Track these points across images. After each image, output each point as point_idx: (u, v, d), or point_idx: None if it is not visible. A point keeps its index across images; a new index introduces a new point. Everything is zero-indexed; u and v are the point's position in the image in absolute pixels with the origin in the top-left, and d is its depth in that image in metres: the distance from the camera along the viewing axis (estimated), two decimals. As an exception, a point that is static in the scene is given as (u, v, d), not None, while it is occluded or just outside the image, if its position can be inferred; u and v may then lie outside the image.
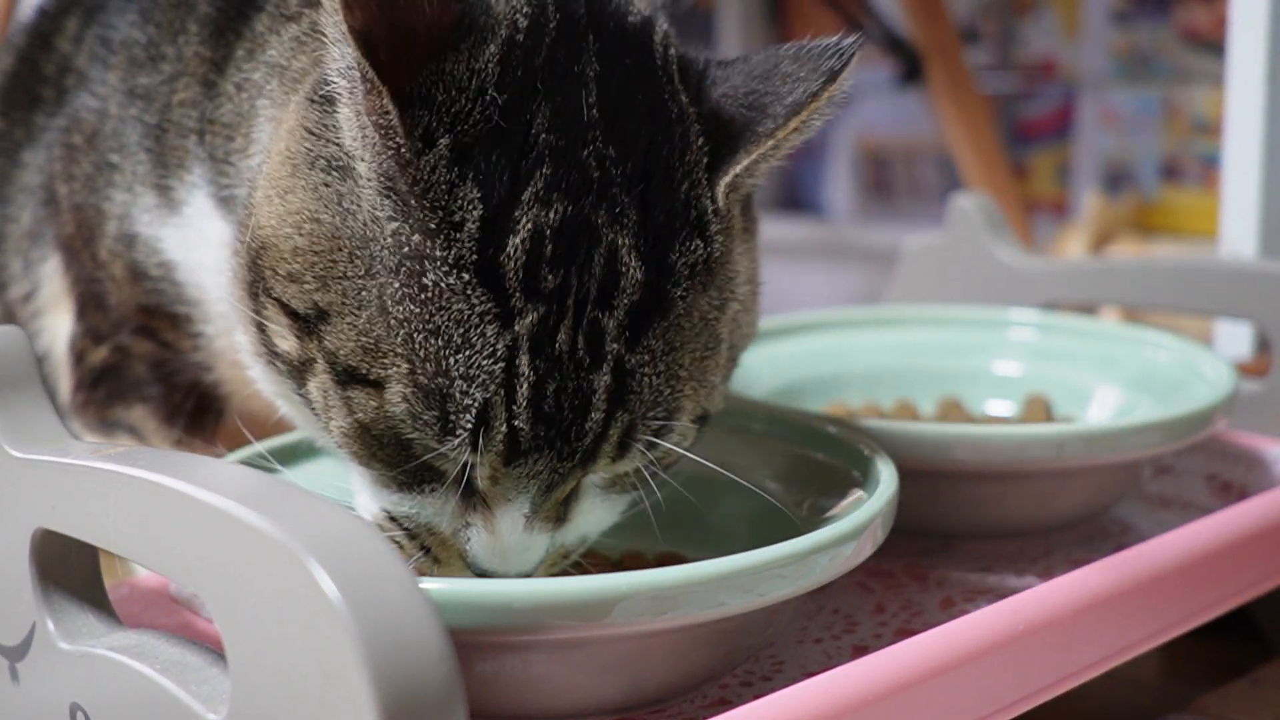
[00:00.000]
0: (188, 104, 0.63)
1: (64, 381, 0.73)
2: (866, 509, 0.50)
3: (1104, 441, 0.62)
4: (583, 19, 0.51)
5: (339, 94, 0.49)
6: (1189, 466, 0.76)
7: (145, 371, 0.69)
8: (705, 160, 0.50)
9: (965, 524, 0.66)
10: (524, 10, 0.50)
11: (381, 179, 0.47)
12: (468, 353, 0.46)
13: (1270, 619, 0.78)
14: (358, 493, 0.52)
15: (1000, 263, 0.88)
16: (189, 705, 0.42)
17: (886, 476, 0.54)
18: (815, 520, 0.54)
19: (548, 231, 0.47)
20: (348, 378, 0.48)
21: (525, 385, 0.46)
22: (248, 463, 0.59)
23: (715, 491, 0.60)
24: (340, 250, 0.48)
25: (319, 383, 0.49)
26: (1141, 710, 0.69)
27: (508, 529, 0.49)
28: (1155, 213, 1.54)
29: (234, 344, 0.62)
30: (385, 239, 0.47)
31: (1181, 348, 0.75)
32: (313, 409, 0.50)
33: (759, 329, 0.66)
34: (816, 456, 0.60)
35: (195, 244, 0.63)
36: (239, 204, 0.58)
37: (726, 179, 0.50)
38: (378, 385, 0.47)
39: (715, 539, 0.58)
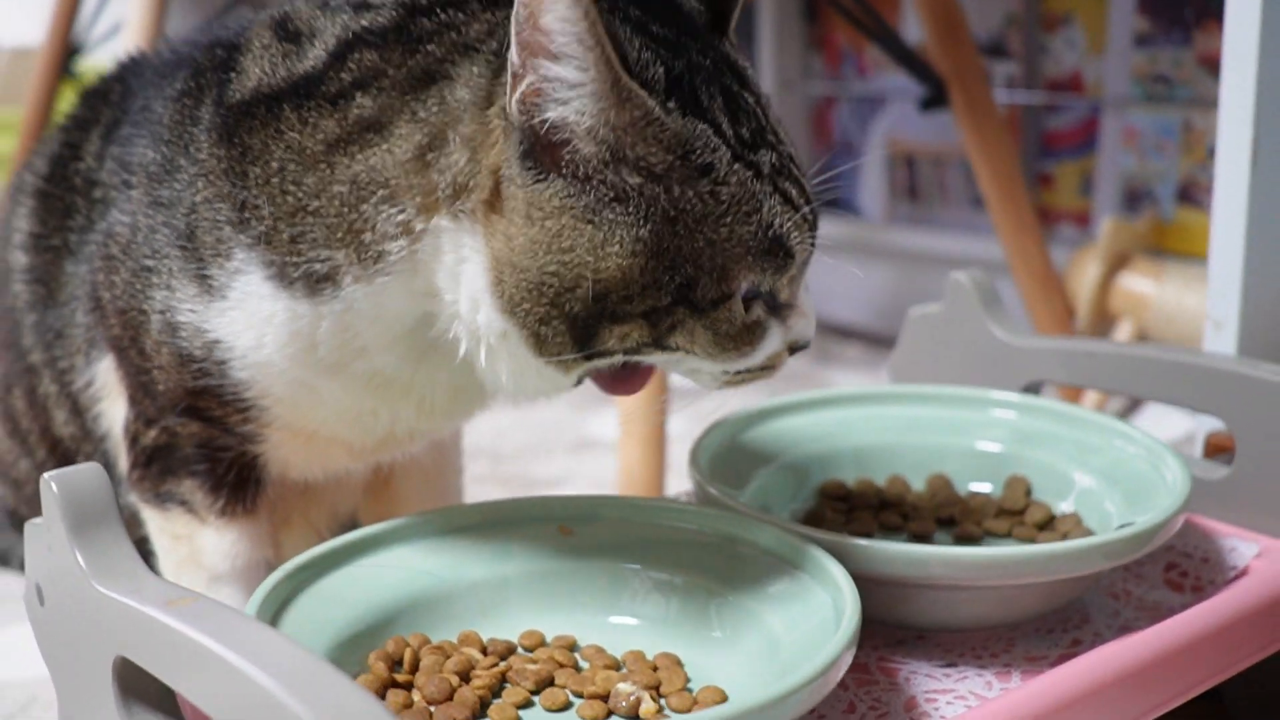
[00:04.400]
0: (214, 199, 0.70)
1: (122, 459, 0.82)
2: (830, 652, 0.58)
3: (1061, 561, 0.69)
4: None
5: (568, 140, 0.62)
6: (1148, 555, 0.82)
7: (192, 450, 0.77)
8: (714, 26, 0.70)
9: (936, 620, 0.73)
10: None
11: (653, 170, 0.62)
12: (765, 206, 0.64)
13: (1232, 692, 0.85)
14: (701, 374, 0.68)
15: (994, 338, 0.95)
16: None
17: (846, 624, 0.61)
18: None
19: (727, 110, 0.64)
20: (713, 306, 0.64)
21: (793, 193, 0.65)
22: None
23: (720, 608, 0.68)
24: (665, 241, 0.63)
25: (684, 330, 0.65)
26: None
27: (806, 302, 0.69)
28: (1172, 234, 1.58)
29: (293, 410, 0.71)
30: (686, 201, 0.63)
31: (1150, 445, 0.82)
32: (672, 349, 0.65)
33: (766, 406, 0.87)
34: (793, 578, 0.68)
35: (245, 324, 0.71)
36: (344, 282, 0.67)
37: (729, 29, 0.71)
38: (733, 294, 0.64)
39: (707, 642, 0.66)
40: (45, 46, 2.13)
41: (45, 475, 0.60)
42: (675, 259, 0.63)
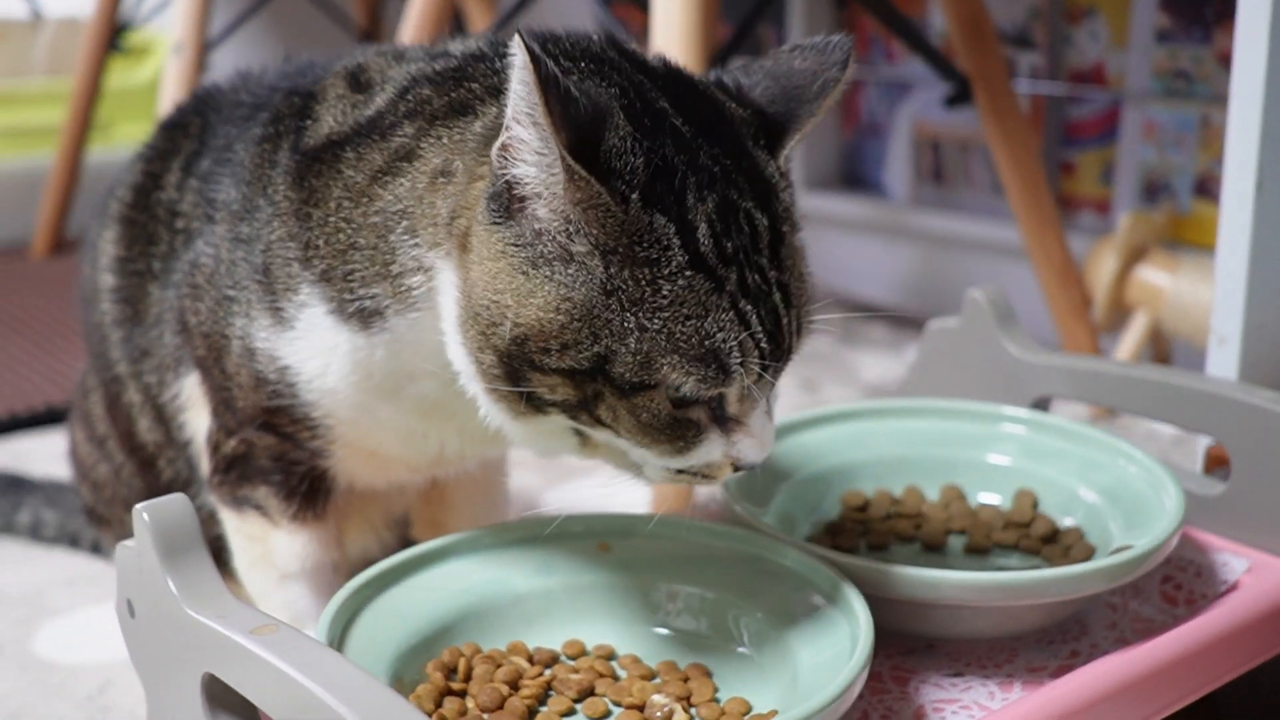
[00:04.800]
0: (284, 239, 0.77)
1: (203, 463, 0.88)
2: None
3: (1065, 583, 0.75)
4: (634, 73, 0.69)
5: (531, 197, 0.65)
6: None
7: (267, 461, 0.84)
8: (762, 143, 0.71)
9: (945, 633, 0.79)
10: (606, 87, 0.67)
11: (603, 239, 0.64)
12: (712, 317, 0.65)
13: (1225, 697, 0.91)
14: (645, 466, 0.70)
15: (1008, 353, 1.00)
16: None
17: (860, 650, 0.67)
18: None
19: (714, 217, 0.66)
20: (632, 390, 0.66)
21: (753, 317, 0.66)
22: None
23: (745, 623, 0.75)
24: (594, 310, 0.65)
25: (607, 405, 0.66)
26: None
27: (759, 425, 0.69)
28: (1188, 226, 1.63)
29: (355, 430, 0.78)
30: (623, 282, 0.64)
31: (1150, 465, 0.87)
32: (597, 423, 0.67)
33: (793, 420, 0.92)
34: (814, 599, 0.74)
35: (311, 353, 0.77)
36: (387, 316, 0.73)
37: (784, 152, 0.72)
38: (656, 385, 0.65)
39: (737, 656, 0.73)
40: (93, 21, 2.19)
41: (137, 506, 0.66)
42: (599, 330, 0.65)
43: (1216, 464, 0.96)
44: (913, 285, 1.97)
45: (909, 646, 0.80)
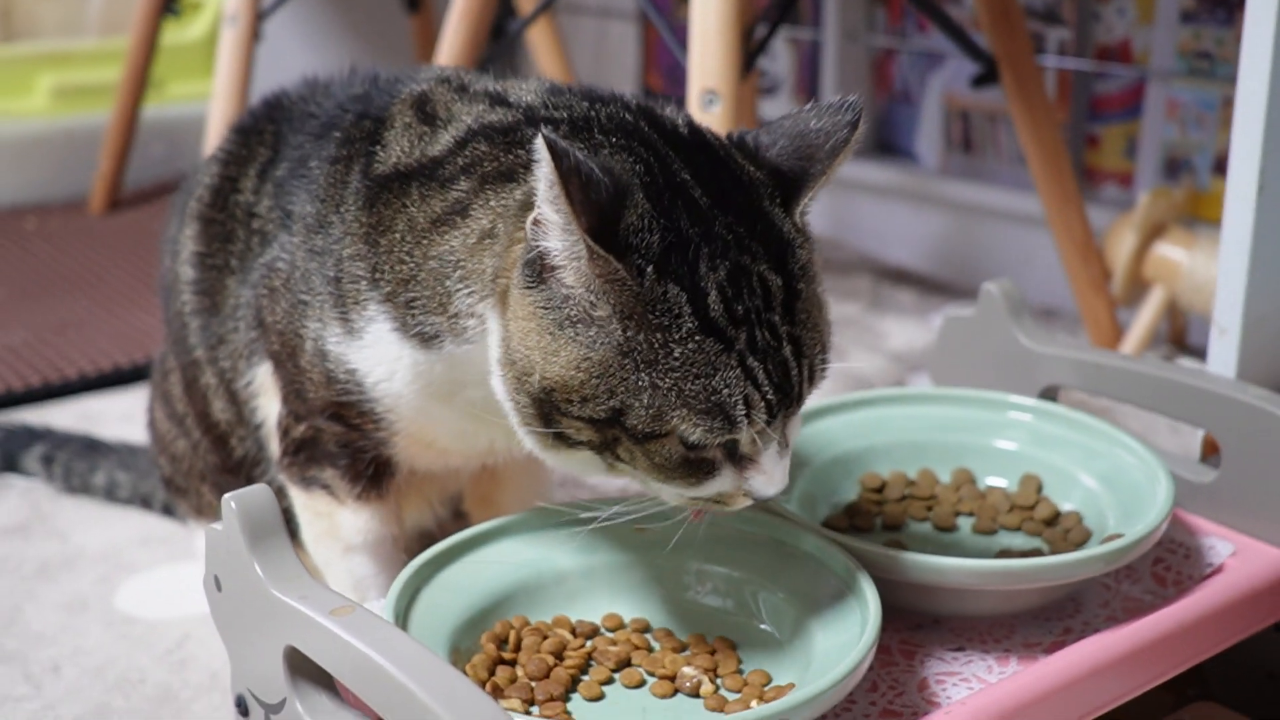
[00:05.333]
0: (355, 257, 0.85)
1: (273, 444, 0.97)
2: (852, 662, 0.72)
3: (1057, 570, 0.83)
4: (661, 146, 0.76)
5: (560, 266, 0.72)
6: (1140, 552, 0.95)
7: (335, 446, 0.92)
8: (779, 201, 0.77)
9: (950, 610, 0.87)
10: (629, 162, 0.75)
11: (621, 309, 0.71)
12: (720, 375, 0.71)
13: (1212, 668, 0.99)
14: (660, 495, 0.77)
15: (1019, 344, 1.07)
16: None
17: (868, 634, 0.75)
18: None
19: (725, 283, 0.72)
20: (645, 438, 0.73)
21: (760, 372, 0.72)
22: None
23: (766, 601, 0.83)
24: (611, 369, 0.72)
25: (625, 447, 0.74)
26: None
27: (772, 464, 0.75)
28: (1207, 203, 1.68)
29: (415, 426, 0.86)
30: (639, 343, 0.71)
31: (1145, 456, 0.94)
32: (617, 460, 0.75)
33: (816, 407, 0.99)
34: (830, 582, 0.82)
35: (380, 362, 0.85)
36: (445, 342, 0.81)
37: (799, 209, 0.78)
38: (667, 434, 0.72)
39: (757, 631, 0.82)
40: (149, -13, 2.25)
41: (226, 496, 0.74)
42: (615, 386, 0.71)
43: (1211, 451, 1.03)
44: (941, 251, 2.03)
45: (916, 622, 0.88)
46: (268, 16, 1.96)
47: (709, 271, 0.72)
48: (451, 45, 1.59)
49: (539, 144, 0.69)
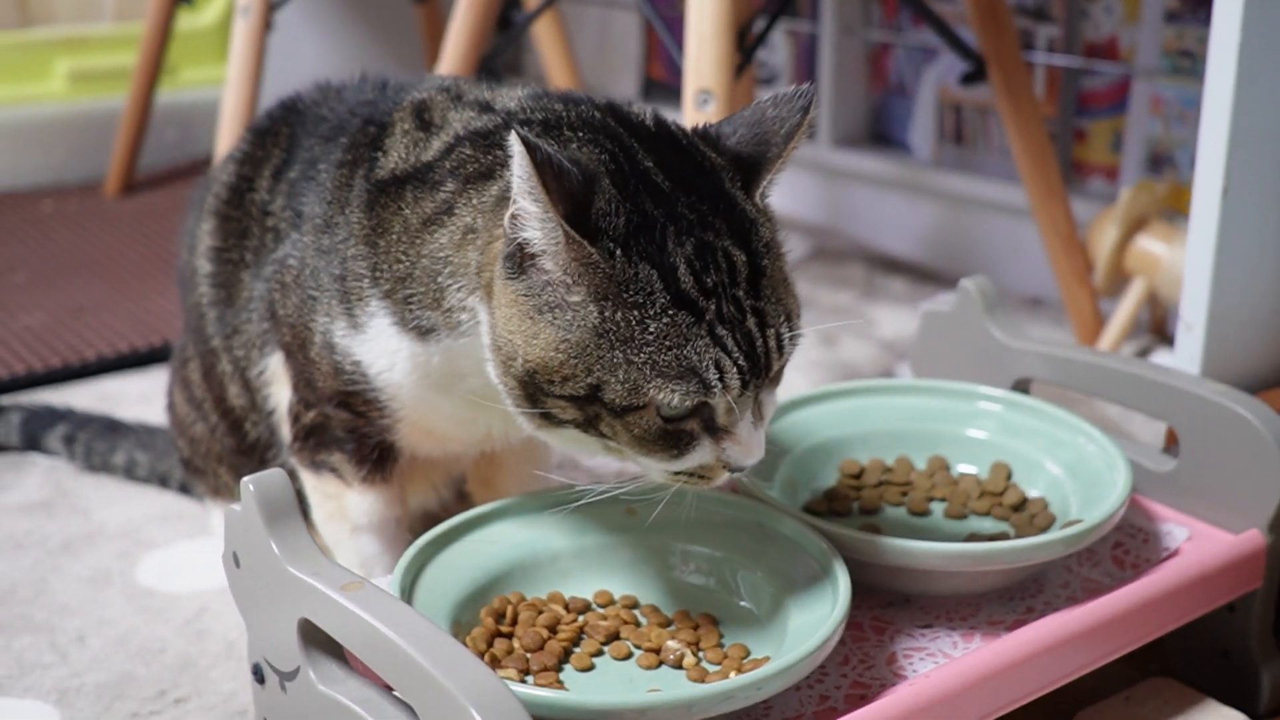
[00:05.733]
0: (357, 257, 0.91)
1: (284, 430, 1.03)
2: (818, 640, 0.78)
3: (1019, 553, 0.89)
4: (627, 138, 0.82)
5: (538, 255, 0.78)
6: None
7: (342, 432, 0.98)
8: (739, 184, 0.82)
9: (920, 590, 0.93)
10: (595, 152, 0.81)
11: (595, 290, 0.77)
12: (691, 345, 0.76)
13: (1171, 644, 1.05)
14: (647, 471, 0.83)
15: (994, 338, 1.13)
16: (404, 759, 0.72)
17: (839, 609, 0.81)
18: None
19: (692, 258, 0.77)
20: (624, 411, 0.78)
21: (729, 340, 0.77)
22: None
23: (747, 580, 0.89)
24: (589, 346, 0.77)
25: (606, 423, 0.79)
26: None
27: (747, 434, 0.80)
28: (1189, 197, 1.73)
29: (416, 415, 0.92)
30: (614, 321, 0.76)
31: (1107, 445, 1.00)
32: (601, 435, 0.80)
33: (799, 396, 1.06)
34: (806, 563, 0.88)
35: (382, 354, 0.91)
36: (441, 335, 0.87)
37: (759, 190, 0.83)
38: (644, 406, 0.77)
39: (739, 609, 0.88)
40: (163, -23, 2.30)
41: (245, 479, 0.80)
42: (592, 365, 0.76)
43: (1172, 442, 1.09)
44: (933, 241, 2.09)
45: (888, 601, 0.94)
46: (280, 7, 2.01)
47: (676, 248, 0.77)
48: (457, 38, 1.64)
49: (513, 139, 0.74)
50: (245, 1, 1.94)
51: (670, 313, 0.76)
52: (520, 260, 0.79)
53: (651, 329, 0.76)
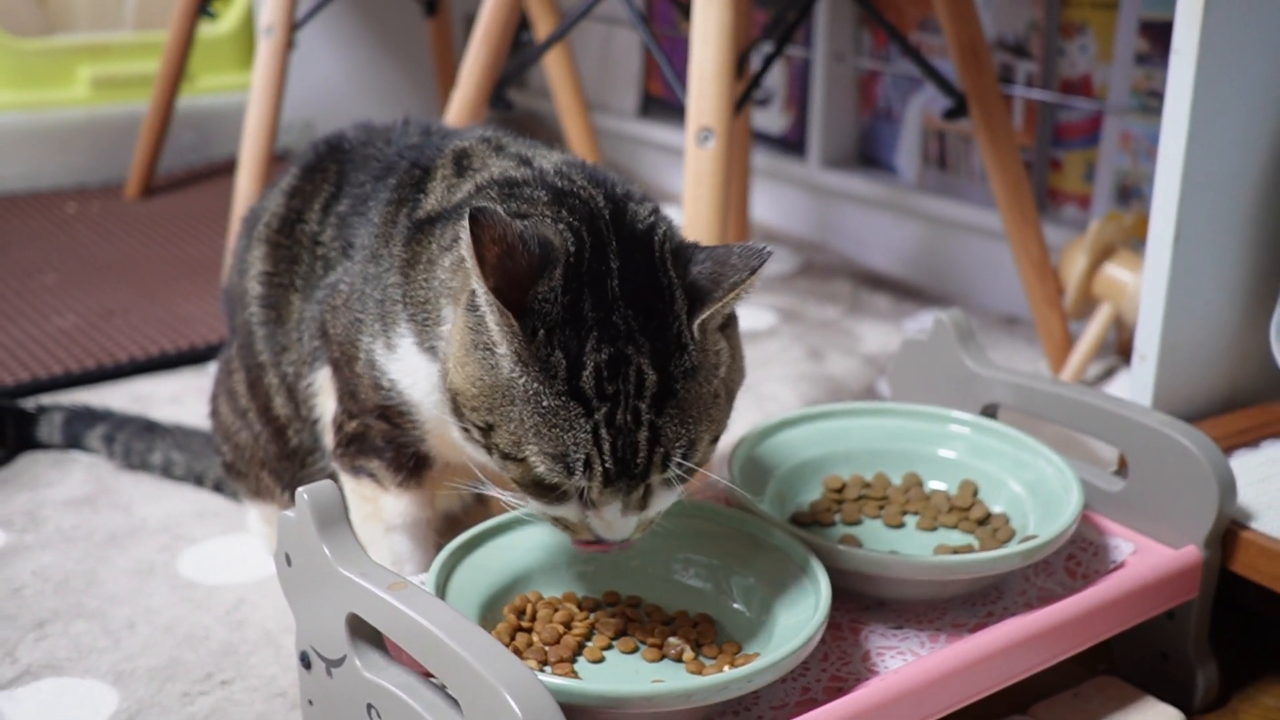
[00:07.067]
0: (394, 285, 1.02)
1: (327, 437, 1.14)
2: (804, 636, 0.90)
3: (981, 565, 1.00)
4: (608, 235, 0.91)
5: (483, 308, 0.87)
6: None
7: (381, 441, 1.09)
8: (685, 311, 0.88)
9: (894, 595, 1.05)
10: (570, 241, 0.90)
11: (513, 354, 0.87)
12: (572, 433, 0.85)
13: (1118, 645, 1.16)
14: (523, 502, 0.92)
15: (965, 367, 1.24)
16: (444, 738, 0.83)
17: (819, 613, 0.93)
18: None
19: (603, 364, 0.85)
20: (507, 458, 0.88)
21: (605, 444, 0.85)
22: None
23: (740, 585, 1.01)
24: (495, 393, 0.88)
25: (498, 458, 0.90)
26: (985, 716, 1.08)
27: (610, 517, 0.89)
28: (1154, 228, 1.84)
29: (439, 428, 1.03)
30: (518, 385, 0.87)
31: (1062, 466, 1.12)
32: (498, 465, 0.91)
33: (789, 416, 1.16)
34: (792, 570, 0.99)
35: (408, 373, 1.02)
36: (439, 359, 0.97)
37: (696, 323, 0.88)
38: (523, 460, 0.87)
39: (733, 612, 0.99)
40: (185, -9, 2.41)
41: (299, 489, 0.91)
42: (493, 407, 0.86)
43: (1122, 465, 1.20)
44: (916, 259, 2.20)
45: (864, 604, 1.05)
46: (301, 26, 2.12)
47: (592, 350, 0.85)
48: (474, 62, 1.74)
49: (467, 214, 0.83)
50: (269, 21, 2.04)
51: (564, 399, 0.84)
52: (474, 300, 0.89)
53: (545, 405, 0.85)
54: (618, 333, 0.86)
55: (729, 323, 0.94)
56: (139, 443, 1.51)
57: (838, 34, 2.25)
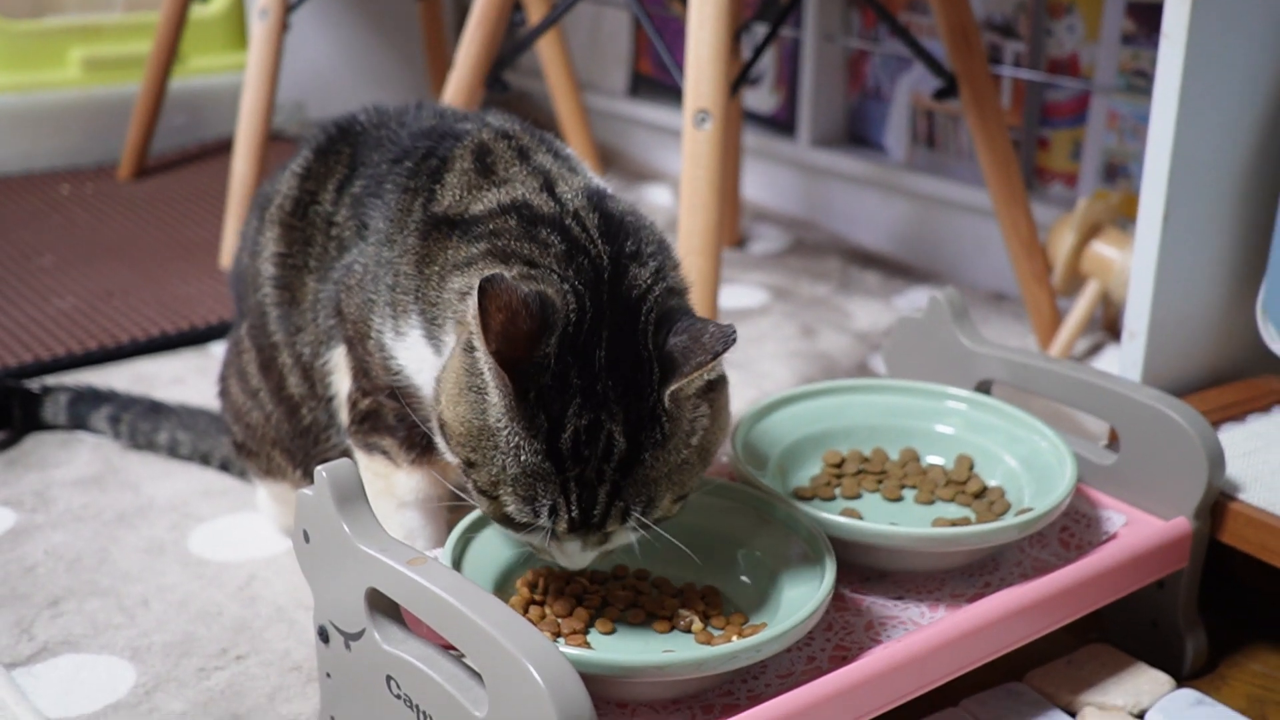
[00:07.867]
0: (407, 275, 1.04)
1: (342, 414, 1.16)
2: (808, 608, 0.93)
3: (978, 536, 1.03)
4: (604, 304, 0.94)
5: (481, 363, 0.91)
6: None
7: (393, 418, 1.12)
8: (659, 378, 0.92)
9: (893, 567, 1.08)
10: (572, 308, 0.93)
11: (503, 406, 0.91)
12: (542, 485, 0.90)
13: (1110, 615, 1.20)
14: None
15: (960, 344, 1.27)
16: (465, 707, 0.86)
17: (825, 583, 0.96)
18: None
19: (582, 429, 0.89)
20: (482, 493, 0.93)
21: (572, 496, 0.90)
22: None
23: (746, 557, 1.04)
24: (481, 436, 0.91)
25: (475, 489, 0.94)
26: (982, 682, 1.11)
27: (572, 551, 0.94)
28: (1140, 206, 1.88)
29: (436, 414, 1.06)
30: (502, 435, 0.91)
31: (1056, 441, 1.15)
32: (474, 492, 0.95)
33: (788, 394, 1.19)
34: (797, 544, 1.02)
35: (415, 359, 1.05)
36: (440, 357, 1.01)
37: (668, 393, 0.91)
38: (497, 498, 0.92)
39: (738, 581, 1.02)
40: (178, -28, 2.41)
41: (318, 467, 0.93)
42: (476, 447, 0.91)
43: (1113, 439, 1.24)
44: (905, 237, 2.23)
45: (865, 576, 1.09)
46: (296, 9, 2.13)
47: (574, 416, 0.90)
48: (470, 45, 1.76)
49: (477, 285, 0.86)
50: (264, 4, 2.06)
51: (541, 456, 0.90)
52: (471, 342, 0.92)
53: (524, 457, 0.90)
54: (598, 401, 0.90)
55: (714, 386, 0.97)
56: (144, 423, 1.53)
57: (827, 14, 2.28)
